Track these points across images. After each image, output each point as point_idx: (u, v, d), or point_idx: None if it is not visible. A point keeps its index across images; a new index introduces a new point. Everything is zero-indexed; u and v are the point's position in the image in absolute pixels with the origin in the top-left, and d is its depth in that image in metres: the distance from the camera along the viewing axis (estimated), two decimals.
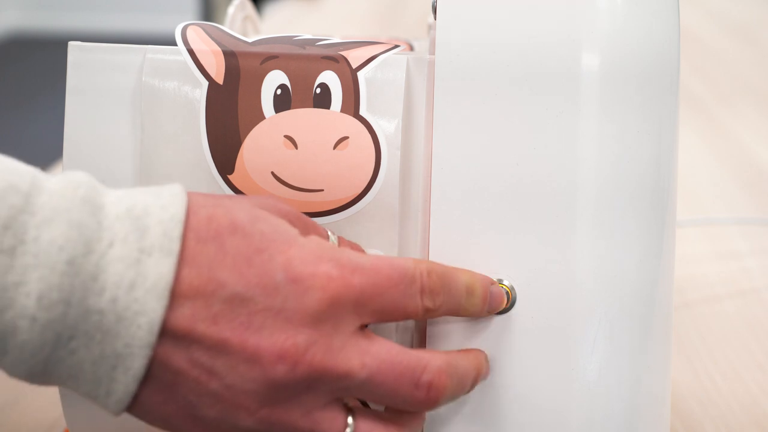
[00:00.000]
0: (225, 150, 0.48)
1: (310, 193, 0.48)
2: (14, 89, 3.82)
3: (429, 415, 0.48)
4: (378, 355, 0.42)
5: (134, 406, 0.42)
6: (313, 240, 0.43)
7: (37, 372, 0.40)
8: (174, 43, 0.50)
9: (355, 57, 0.49)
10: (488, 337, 0.47)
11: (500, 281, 0.47)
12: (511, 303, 0.47)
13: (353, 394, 0.43)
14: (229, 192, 0.48)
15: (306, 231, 0.45)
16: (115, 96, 0.49)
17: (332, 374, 0.41)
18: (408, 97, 0.49)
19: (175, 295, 0.40)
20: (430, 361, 0.43)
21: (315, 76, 0.49)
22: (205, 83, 0.49)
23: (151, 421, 0.43)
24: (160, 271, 0.40)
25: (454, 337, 0.48)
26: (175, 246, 0.41)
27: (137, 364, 0.40)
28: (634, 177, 0.47)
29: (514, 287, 0.47)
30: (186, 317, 0.41)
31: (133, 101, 0.49)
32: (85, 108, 0.49)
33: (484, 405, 0.47)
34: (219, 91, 0.49)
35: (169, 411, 0.42)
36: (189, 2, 4.46)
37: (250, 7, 0.71)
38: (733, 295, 0.79)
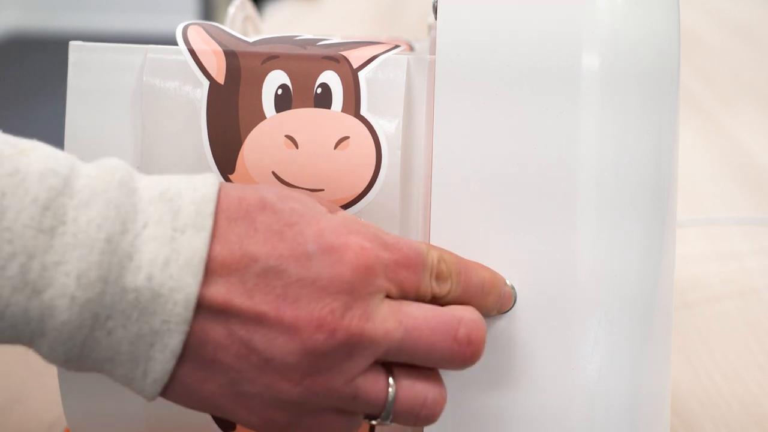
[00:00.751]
0: (226, 149, 0.48)
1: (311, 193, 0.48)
2: (14, 89, 3.82)
3: None
4: (412, 313, 0.43)
5: (172, 387, 0.42)
6: (342, 214, 0.44)
7: (74, 355, 0.41)
8: (174, 43, 0.50)
9: (355, 57, 0.49)
10: (488, 336, 0.47)
11: None
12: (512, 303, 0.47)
13: (393, 358, 0.43)
14: None
15: (333, 211, 0.45)
16: (116, 96, 0.49)
17: (370, 337, 0.42)
18: (408, 97, 0.49)
19: (209, 273, 0.41)
20: (464, 314, 0.44)
21: (316, 75, 0.49)
22: (206, 83, 0.49)
23: (190, 404, 0.43)
24: (193, 246, 0.41)
25: None
26: (208, 222, 0.41)
27: (175, 340, 0.41)
28: (634, 177, 0.47)
29: (514, 287, 0.47)
30: (221, 293, 0.41)
31: (133, 101, 0.49)
32: (86, 108, 0.49)
33: (484, 405, 0.47)
34: (220, 90, 0.49)
35: (211, 389, 0.42)
36: (189, 2, 4.46)
37: (250, 7, 0.71)
38: (733, 295, 0.79)
